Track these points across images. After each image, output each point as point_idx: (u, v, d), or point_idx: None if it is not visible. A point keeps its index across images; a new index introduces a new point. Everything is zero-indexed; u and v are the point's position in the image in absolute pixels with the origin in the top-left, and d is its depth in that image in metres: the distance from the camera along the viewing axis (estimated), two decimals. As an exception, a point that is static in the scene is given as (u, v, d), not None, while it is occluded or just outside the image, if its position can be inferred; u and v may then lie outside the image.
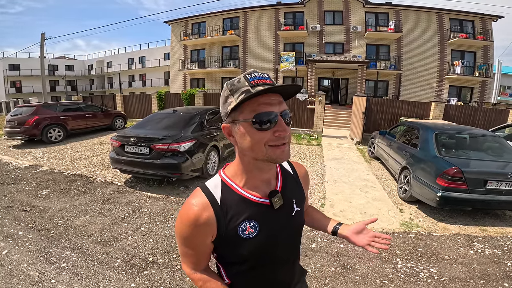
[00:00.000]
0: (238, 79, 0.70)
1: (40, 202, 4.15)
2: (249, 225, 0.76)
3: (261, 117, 0.68)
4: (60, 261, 2.68)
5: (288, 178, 0.89)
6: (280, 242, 0.82)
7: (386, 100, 11.71)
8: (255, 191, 0.79)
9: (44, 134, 8.32)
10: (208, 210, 0.74)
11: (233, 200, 0.77)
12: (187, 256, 0.81)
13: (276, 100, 0.70)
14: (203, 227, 0.74)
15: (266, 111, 0.68)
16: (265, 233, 0.77)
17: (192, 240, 0.76)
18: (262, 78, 0.69)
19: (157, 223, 3.49)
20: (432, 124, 5.42)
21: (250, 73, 0.70)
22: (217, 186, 0.79)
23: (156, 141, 4.50)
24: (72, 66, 36.88)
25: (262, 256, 0.79)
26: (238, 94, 0.68)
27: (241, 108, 0.70)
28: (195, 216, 0.73)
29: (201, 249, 0.79)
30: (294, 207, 0.86)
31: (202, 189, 0.79)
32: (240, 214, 0.76)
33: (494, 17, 17.03)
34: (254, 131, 0.69)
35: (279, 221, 0.81)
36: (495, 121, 9.97)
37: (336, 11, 18.09)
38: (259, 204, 0.78)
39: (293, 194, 0.87)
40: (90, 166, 6.03)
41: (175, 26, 21.99)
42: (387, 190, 4.95)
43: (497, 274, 2.58)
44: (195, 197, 0.77)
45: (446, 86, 17.38)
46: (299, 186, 0.94)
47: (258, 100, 0.68)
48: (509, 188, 3.51)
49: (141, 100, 15.28)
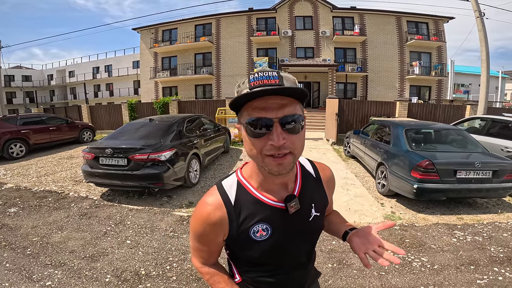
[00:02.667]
0: (244, 80, 0.68)
1: (9, 220, 3.81)
2: (261, 228, 0.74)
3: (250, 123, 0.63)
4: (44, 279, 2.48)
5: (308, 182, 0.85)
6: (293, 246, 0.80)
7: (357, 101, 12.32)
8: (271, 194, 0.76)
9: (5, 150, 7.60)
10: (221, 210, 0.74)
11: (248, 202, 0.75)
12: (197, 251, 0.83)
13: (276, 104, 0.62)
14: (215, 226, 0.74)
15: (257, 117, 0.62)
16: (277, 237, 0.76)
17: (204, 237, 0.77)
18: (266, 77, 0.63)
19: (144, 235, 3.33)
20: (400, 121, 5.77)
21: (256, 73, 0.65)
22: (233, 186, 0.78)
23: (134, 151, 4.30)
24: (29, 76, 34.39)
25: (274, 257, 0.79)
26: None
27: (241, 111, 0.67)
28: (207, 214, 0.74)
29: (212, 246, 0.80)
30: (313, 212, 0.82)
31: (218, 187, 0.79)
32: (253, 216, 0.74)
33: (445, 19, 18.58)
34: (249, 137, 0.66)
35: (294, 226, 0.78)
36: (453, 116, 10.89)
37: (306, 16, 18.76)
38: (273, 208, 0.76)
39: (313, 198, 0.83)
40: (60, 181, 5.62)
41: (144, 33, 21.39)
42: (367, 186, 5.17)
43: (484, 259, 2.75)
44: (210, 195, 0.77)
45: (407, 86, 18.63)
46: (321, 190, 0.89)
47: (252, 104, 0.63)
48: (477, 176, 3.82)
49: (110, 111, 14.61)
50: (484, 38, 9.31)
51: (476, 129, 6.53)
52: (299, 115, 0.65)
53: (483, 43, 9.36)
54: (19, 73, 33.41)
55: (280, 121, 0.62)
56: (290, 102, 0.64)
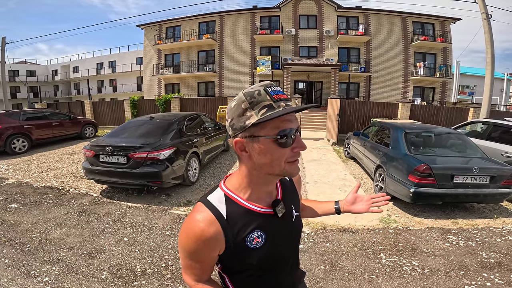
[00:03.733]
0: (258, 91, 0.68)
1: (10, 216, 3.88)
2: (256, 236, 0.77)
3: (285, 134, 0.68)
4: (42, 275, 2.54)
5: (286, 186, 0.92)
6: (284, 249, 0.85)
7: (358, 101, 12.27)
8: (259, 202, 0.80)
9: (8, 145, 7.71)
10: (215, 225, 0.73)
11: (239, 214, 0.77)
12: (190, 268, 0.80)
13: (294, 116, 0.73)
14: (209, 242, 0.73)
15: (289, 128, 0.69)
16: (271, 242, 0.79)
17: (198, 254, 0.76)
18: (280, 92, 0.70)
19: (141, 233, 3.38)
20: (401, 123, 5.76)
21: (269, 86, 0.69)
22: (221, 201, 0.78)
23: (134, 149, 4.36)
24: (34, 72, 34.57)
25: (268, 263, 0.81)
26: (260, 108, 0.67)
27: (262, 124, 0.68)
28: (201, 231, 0.72)
29: (205, 262, 0.79)
30: (294, 212, 0.89)
31: (205, 204, 0.77)
32: (246, 226, 0.77)
33: (452, 20, 18.40)
34: (276, 147, 0.69)
35: (282, 228, 0.84)
36: (456, 119, 10.81)
37: (310, 15, 18.67)
38: (263, 215, 0.79)
39: (291, 200, 0.90)
40: (61, 178, 5.69)
41: (148, 30, 21.43)
42: (364, 188, 5.18)
43: (474, 265, 2.77)
44: (200, 212, 0.76)
45: (410, 87, 18.52)
46: (295, 190, 0.96)
47: (282, 117, 0.68)
48: (474, 182, 3.82)
49: (112, 107, 14.69)
50: (490, 41, 9.23)
51: (478, 133, 6.50)
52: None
53: (488, 45, 9.28)
54: (24, 68, 33.60)
55: (296, 131, 0.72)
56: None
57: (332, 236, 3.34)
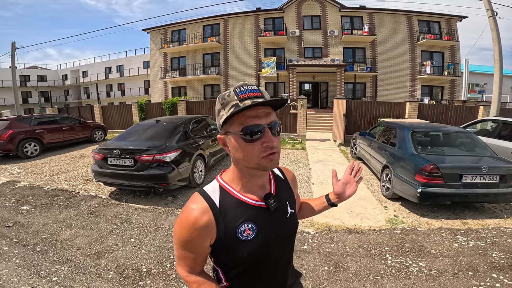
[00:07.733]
0: (229, 93, 0.74)
1: (22, 218, 3.99)
2: (247, 227, 0.79)
3: (248, 130, 0.72)
4: (51, 275, 2.62)
5: (280, 182, 0.95)
6: (276, 244, 0.86)
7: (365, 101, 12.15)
8: (252, 195, 0.83)
9: (20, 149, 7.93)
10: (208, 214, 0.77)
11: (231, 204, 0.80)
12: (184, 259, 0.83)
13: (264, 112, 0.74)
14: (202, 230, 0.76)
15: (252, 124, 0.72)
16: (262, 235, 0.81)
17: (191, 243, 0.78)
18: (251, 91, 0.73)
19: (147, 234, 3.44)
20: (408, 123, 5.68)
21: (240, 87, 0.74)
22: (216, 191, 0.83)
23: (141, 152, 4.43)
24: (44, 76, 35.41)
25: (259, 257, 0.83)
26: (228, 108, 0.73)
27: (230, 121, 0.75)
28: (195, 219, 0.76)
29: (199, 252, 0.81)
30: (289, 209, 0.91)
31: (200, 193, 0.82)
32: (238, 217, 0.79)
33: (458, 18, 18.11)
34: (243, 143, 0.74)
35: (275, 223, 0.85)
36: (466, 117, 10.61)
37: (314, 16, 18.66)
38: (256, 207, 0.82)
39: (286, 197, 0.93)
40: (71, 180, 5.82)
41: (154, 33, 21.75)
42: (371, 189, 5.13)
43: (483, 265, 2.71)
44: (194, 201, 0.80)
45: (418, 86, 18.27)
46: (290, 189, 0.99)
47: (245, 113, 0.72)
48: (483, 181, 3.75)
49: (121, 111, 14.90)
50: (497, 38, 9.07)
51: (488, 131, 6.38)
52: (278, 121, 0.79)
53: (495, 42, 9.12)
54: (35, 73, 34.43)
55: (268, 126, 0.75)
56: (272, 111, 0.77)
57: (337, 237, 3.32)
